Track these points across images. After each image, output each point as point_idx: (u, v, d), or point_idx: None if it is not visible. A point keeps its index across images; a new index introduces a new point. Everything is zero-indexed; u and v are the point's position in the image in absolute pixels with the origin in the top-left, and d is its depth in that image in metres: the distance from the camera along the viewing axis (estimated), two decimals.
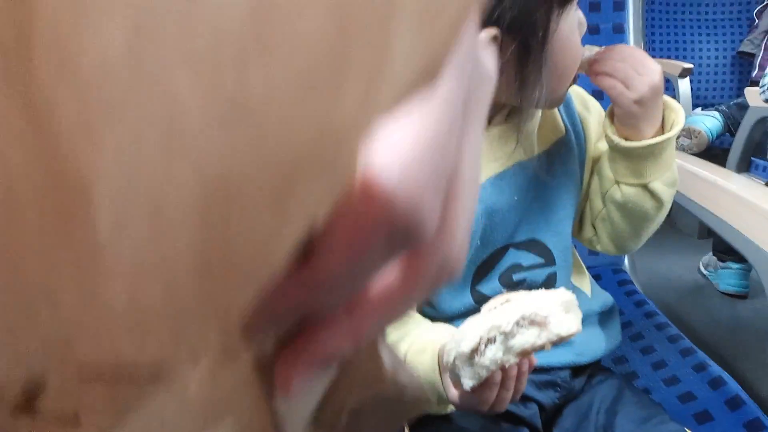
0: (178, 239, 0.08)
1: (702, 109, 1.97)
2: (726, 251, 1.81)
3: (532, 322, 0.37)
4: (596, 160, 0.59)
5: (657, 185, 0.53)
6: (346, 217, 0.09)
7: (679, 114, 0.53)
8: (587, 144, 0.59)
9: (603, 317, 0.61)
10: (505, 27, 0.44)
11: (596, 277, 0.89)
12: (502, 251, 0.54)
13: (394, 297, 0.11)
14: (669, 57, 2.39)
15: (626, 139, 0.52)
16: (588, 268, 0.89)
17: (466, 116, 0.11)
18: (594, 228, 0.59)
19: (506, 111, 0.53)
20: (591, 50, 0.52)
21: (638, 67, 0.50)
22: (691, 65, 2.09)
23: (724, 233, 0.65)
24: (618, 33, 0.91)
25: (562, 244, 0.56)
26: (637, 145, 0.51)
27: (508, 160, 0.53)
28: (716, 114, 1.90)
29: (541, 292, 0.40)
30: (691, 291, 1.86)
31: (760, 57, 2.24)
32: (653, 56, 1.72)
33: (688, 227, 2.12)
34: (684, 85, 2.08)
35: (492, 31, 0.43)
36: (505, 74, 0.46)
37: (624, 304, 0.81)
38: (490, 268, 0.54)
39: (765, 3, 2.33)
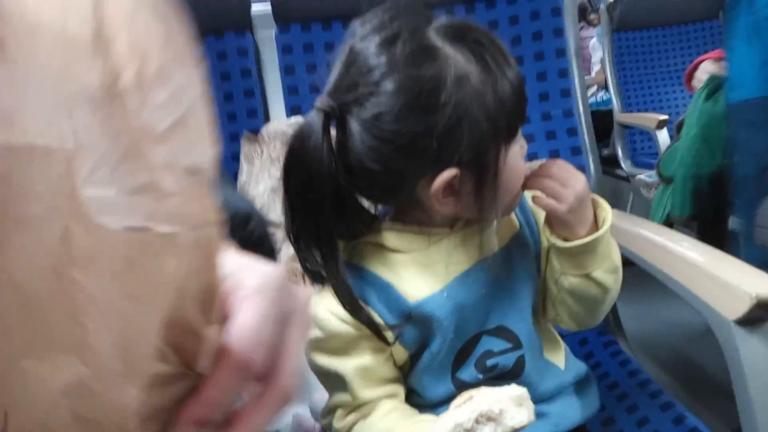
0: None
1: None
2: None
3: (489, 418, 0.45)
4: (548, 250, 0.66)
5: (598, 274, 0.60)
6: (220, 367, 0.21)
7: (608, 210, 0.61)
8: (540, 235, 0.66)
9: (578, 386, 0.67)
10: (463, 166, 0.52)
11: (583, 341, 0.95)
12: (475, 339, 0.61)
13: (254, 412, 0.23)
14: (646, 110, 2.50)
15: (565, 239, 0.59)
16: (576, 332, 0.96)
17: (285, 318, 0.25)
18: (555, 309, 0.67)
19: (465, 219, 0.61)
20: (532, 165, 0.61)
21: (564, 181, 0.58)
22: (666, 116, 2.21)
23: (681, 293, 0.72)
24: (568, 117, 1.01)
25: (527, 328, 0.63)
26: (573, 245, 0.59)
27: (472, 259, 0.60)
28: None
29: (497, 389, 0.47)
30: (700, 333, 1.88)
31: None
32: (631, 111, 1.84)
33: None
34: (662, 135, 2.19)
35: (453, 171, 0.52)
36: (465, 199, 0.54)
37: (610, 366, 0.87)
38: (467, 355, 0.61)
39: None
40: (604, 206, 0.61)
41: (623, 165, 2.47)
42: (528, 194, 0.62)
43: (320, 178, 0.52)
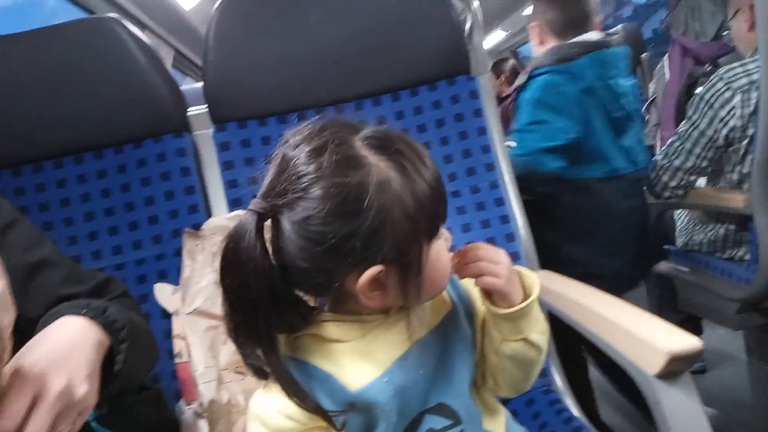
0: None
1: None
2: None
3: None
4: (484, 322, 0.70)
5: (534, 336, 0.65)
6: None
7: (533, 278, 0.66)
8: (474, 309, 0.70)
9: None
10: (388, 263, 0.56)
11: (530, 402, 0.99)
12: (418, 419, 0.64)
13: None
14: None
15: (505, 306, 0.64)
16: (523, 394, 0.99)
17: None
18: (494, 378, 0.70)
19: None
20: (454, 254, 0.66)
21: (492, 258, 0.63)
22: None
23: (606, 350, 0.77)
24: (494, 188, 1.08)
25: (465, 403, 0.66)
26: (514, 310, 0.63)
27: (409, 341, 0.64)
28: None
29: None
30: None
31: (658, 147, 2.49)
32: None
33: None
34: None
35: (378, 268, 0.55)
36: (392, 292, 0.58)
37: (556, 424, 0.90)
38: None
39: (650, 100, 2.65)
40: (529, 274, 0.66)
41: None
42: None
43: (256, 276, 0.55)
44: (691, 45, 2.33)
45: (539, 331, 0.66)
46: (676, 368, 0.66)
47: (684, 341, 0.66)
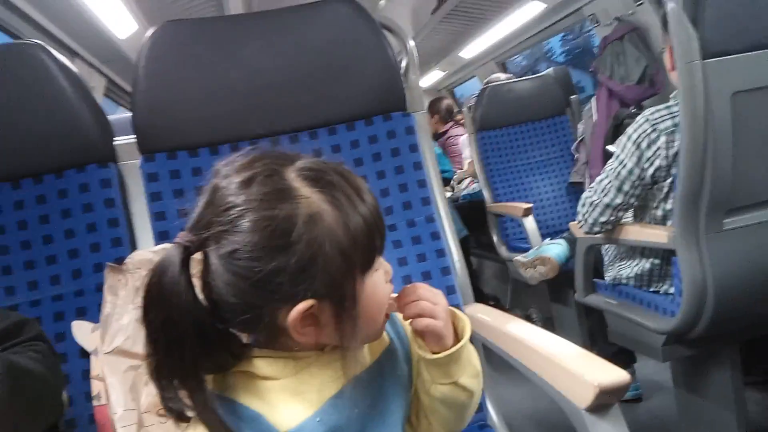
0: None
1: (550, 239, 2.23)
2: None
3: None
4: (417, 362, 0.68)
5: (464, 380, 0.65)
6: None
7: (465, 321, 0.66)
8: (411, 348, 0.69)
9: None
10: (320, 298, 0.54)
11: None
12: None
13: None
14: (513, 199, 2.71)
15: (433, 352, 0.63)
16: None
17: None
18: (427, 419, 0.69)
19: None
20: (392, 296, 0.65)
21: (432, 299, 0.63)
22: (530, 204, 2.41)
23: (538, 383, 0.77)
24: (430, 222, 1.09)
25: None
26: (443, 356, 0.62)
27: (344, 378, 0.62)
28: (561, 241, 2.16)
29: None
30: None
31: (587, 185, 2.59)
32: (500, 200, 1.99)
33: None
34: (529, 222, 2.37)
35: (308, 303, 0.54)
36: (326, 328, 0.56)
37: None
38: None
39: (579, 139, 2.76)
40: (461, 316, 0.66)
41: (499, 252, 2.63)
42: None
43: (180, 313, 0.53)
44: (617, 88, 2.46)
45: (470, 375, 0.65)
46: (605, 401, 0.66)
47: (612, 375, 0.66)
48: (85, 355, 0.92)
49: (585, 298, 1.74)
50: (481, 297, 2.97)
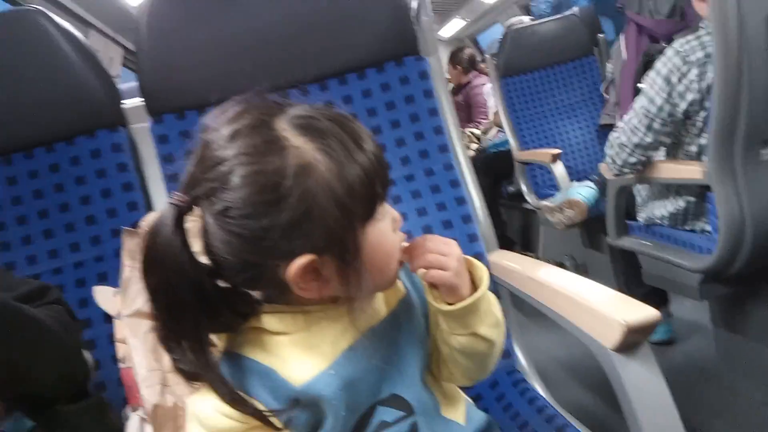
0: None
1: (579, 182, 2.17)
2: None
3: None
4: (435, 313, 0.67)
5: (484, 330, 0.62)
6: None
7: (483, 270, 0.63)
8: (427, 299, 0.67)
9: None
10: (320, 251, 0.52)
11: (494, 384, 0.96)
12: (370, 411, 0.61)
13: None
14: (540, 146, 2.64)
15: (449, 303, 0.61)
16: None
17: None
18: (447, 369, 0.67)
19: None
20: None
21: (443, 250, 0.60)
22: (558, 150, 2.34)
23: (566, 327, 0.75)
24: (449, 170, 1.05)
25: (418, 393, 0.63)
26: (458, 307, 0.60)
27: (359, 331, 0.60)
28: (590, 183, 2.10)
29: None
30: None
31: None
32: (527, 148, 1.94)
33: None
34: (558, 167, 2.31)
35: (308, 257, 0.51)
36: (332, 282, 0.54)
37: (520, 404, 0.88)
38: (363, 429, 0.61)
39: (609, 80, 2.65)
40: (479, 265, 0.63)
41: (528, 199, 2.58)
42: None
43: (177, 274, 0.51)
44: (646, 23, 2.34)
45: (489, 324, 0.63)
46: (634, 340, 0.64)
47: (640, 312, 0.64)
48: (109, 319, 0.93)
49: (618, 241, 1.70)
50: (511, 247, 2.94)
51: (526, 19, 2.92)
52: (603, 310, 0.66)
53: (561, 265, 2.71)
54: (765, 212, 1.24)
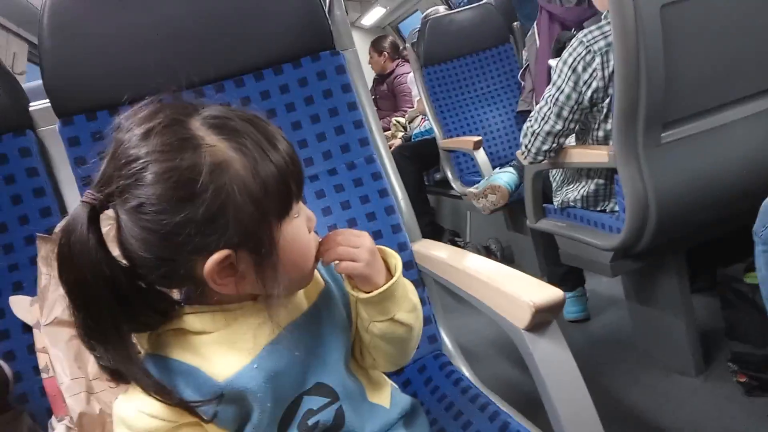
0: None
1: (500, 168, 2.25)
2: (558, 284, 2.04)
3: None
4: (355, 302, 0.69)
5: (401, 315, 0.65)
6: None
7: (397, 259, 0.66)
8: (347, 287, 0.70)
9: (406, 420, 0.71)
10: (236, 247, 0.53)
11: (422, 368, 1.00)
12: (297, 402, 0.63)
13: None
14: (464, 133, 2.71)
15: (366, 291, 0.63)
16: (414, 361, 1.01)
17: None
18: (370, 355, 0.70)
19: None
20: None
21: (353, 242, 0.62)
22: (479, 137, 2.41)
23: (481, 308, 0.79)
24: (370, 163, 1.07)
25: (342, 380, 0.65)
26: (374, 294, 0.63)
27: (280, 325, 0.62)
28: (511, 169, 2.18)
29: None
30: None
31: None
32: (450, 136, 1.99)
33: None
34: (480, 154, 2.38)
35: (223, 253, 0.53)
36: (248, 278, 0.55)
37: (446, 386, 0.92)
38: (290, 420, 0.63)
39: (524, 67, 2.75)
40: (393, 254, 0.66)
41: (454, 186, 2.65)
42: None
43: (92, 273, 0.52)
44: (557, 11, 2.43)
45: (406, 310, 0.66)
46: (542, 319, 0.68)
47: (547, 293, 0.68)
48: (27, 329, 0.90)
49: (536, 224, 1.78)
50: (441, 233, 3.02)
51: (441, 9, 2.97)
52: (513, 292, 0.70)
53: (487, 248, 2.80)
54: (667, 191, 1.33)
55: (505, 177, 2.11)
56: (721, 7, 1.23)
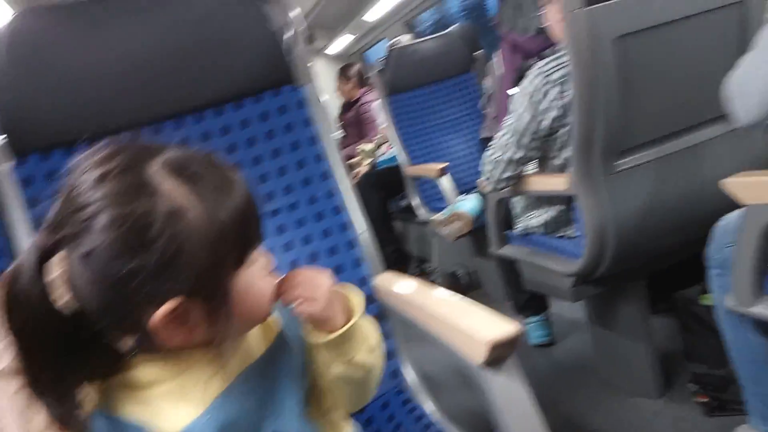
0: None
1: (464, 195, 2.28)
2: (522, 309, 2.07)
3: None
4: (312, 345, 0.68)
5: (360, 356, 0.65)
6: None
7: (358, 297, 0.66)
8: (304, 330, 0.69)
9: None
10: (188, 296, 0.52)
11: (385, 405, 1.00)
12: None
13: None
14: (429, 160, 2.74)
15: (325, 333, 0.63)
16: (376, 398, 1.00)
17: None
18: (330, 397, 0.69)
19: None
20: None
21: (312, 283, 0.62)
22: (445, 164, 2.44)
23: (441, 344, 0.79)
24: (331, 197, 1.08)
25: (299, 426, 0.64)
26: (332, 338, 0.62)
27: (233, 373, 0.60)
28: (474, 195, 2.21)
29: None
30: (522, 354, 2.06)
31: None
32: (417, 163, 2.01)
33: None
34: (445, 181, 2.41)
35: (175, 302, 0.52)
36: (199, 326, 0.54)
37: (408, 424, 0.92)
38: None
39: (487, 95, 2.80)
40: (355, 293, 0.66)
41: (419, 213, 2.66)
42: None
43: (37, 320, 0.51)
44: (519, 40, 2.50)
45: (366, 350, 0.66)
46: (498, 355, 0.69)
47: (502, 329, 0.69)
48: None
49: (499, 251, 1.80)
50: (407, 260, 3.02)
51: (405, 38, 3.03)
52: (468, 329, 0.71)
53: (454, 274, 2.81)
54: (625, 217, 1.37)
55: (469, 204, 2.14)
56: (672, 39, 1.28)
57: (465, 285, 2.78)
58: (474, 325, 0.71)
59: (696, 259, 1.27)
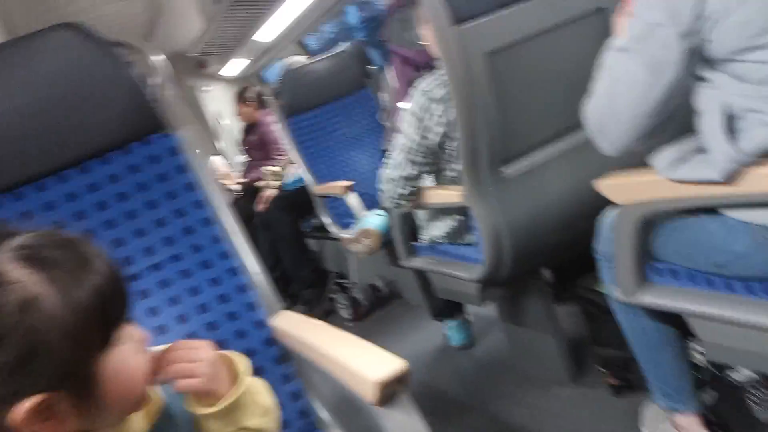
0: None
1: (372, 209, 2.28)
2: (439, 314, 2.12)
3: None
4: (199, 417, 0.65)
5: (252, 422, 0.63)
6: None
7: (243, 362, 0.63)
8: (186, 403, 0.66)
9: None
10: (52, 388, 0.48)
11: None
12: None
13: None
14: (335, 178, 2.72)
15: (210, 404, 0.60)
16: None
17: None
18: None
19: None
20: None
21: (190, 357, 0.59)
22: (349, 182, 2.44)
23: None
24: (216, 243, 1.05)
25: None
26: (217, 410, 0.60)
27: None
28: (381, 211, 2.22)
29: None
30: (446, 357, 2.11)
31: None
32: (323, 182, 1.99)
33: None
34: (351, 198, 2.41)
35: (38, 397, 0.48)
36: (69, 418, 0.50)
37: None
38: None
39: (384, 108, 2.83)
40: (237, 360, 0.64)
41: (331, 231, 2.65)
42: None
43: None
44: (409, 54, 2.54)
45: (258, 415, 0.64)
46: (389, 392, 0.69)
47: (390, 367, 0.69)
48: None
49: (408, 262, 1.82)
50: (326, 277, 3.00)
51: (298, 59, 3.01)
52: (358, 370, 0.71)
53: (374, 286, 2.82)
54: (517, 221, 1.41)
55: (376, 220, 2.14)
56: (541, 50, 1.34)
57: (385, 295, 2.79)
58: (363, 366, 0.71)
59: (589, 250, 1.33)
